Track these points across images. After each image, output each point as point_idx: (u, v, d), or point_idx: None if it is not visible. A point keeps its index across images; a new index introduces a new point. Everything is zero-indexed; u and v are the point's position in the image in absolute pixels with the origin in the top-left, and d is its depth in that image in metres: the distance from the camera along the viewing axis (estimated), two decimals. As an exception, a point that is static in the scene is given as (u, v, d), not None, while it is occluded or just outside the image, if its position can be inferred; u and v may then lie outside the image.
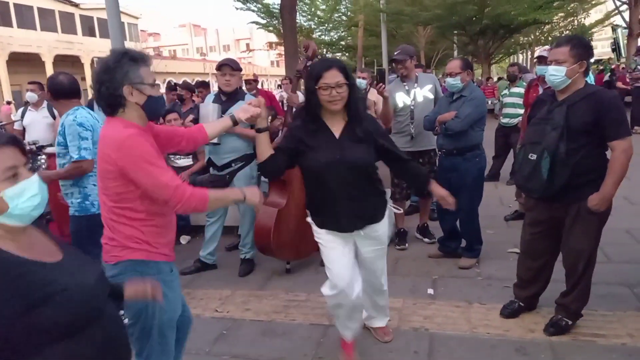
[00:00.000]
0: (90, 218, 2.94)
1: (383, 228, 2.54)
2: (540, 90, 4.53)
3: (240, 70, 3.90)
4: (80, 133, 2.88)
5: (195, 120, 4.98)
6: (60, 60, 28.16)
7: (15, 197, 1.17)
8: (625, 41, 15.02)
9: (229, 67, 3.78)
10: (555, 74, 2.54)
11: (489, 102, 14.05)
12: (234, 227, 4.56)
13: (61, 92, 3.10)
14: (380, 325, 2.90)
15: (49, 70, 27.22)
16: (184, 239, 4.96)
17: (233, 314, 3.34)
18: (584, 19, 27.02)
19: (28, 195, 1.19)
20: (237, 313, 3.35)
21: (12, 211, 1.17)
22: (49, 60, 27.97)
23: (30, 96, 5.67)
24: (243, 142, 3.84)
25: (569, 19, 26.48)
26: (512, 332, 2.88)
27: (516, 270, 3.07)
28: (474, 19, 18.95)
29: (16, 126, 5.78)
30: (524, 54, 34.41)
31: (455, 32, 22.21)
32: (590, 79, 11.83)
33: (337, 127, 2.33)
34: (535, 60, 6.23)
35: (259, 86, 7.01)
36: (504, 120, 6.59)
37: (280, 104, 7.23)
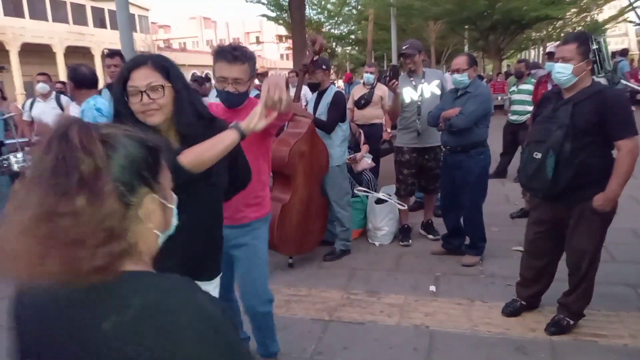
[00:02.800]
0: None
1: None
2: (549, 87, 4.49)
3: None
4: (97, 117, 3.05)
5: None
6: (72, 51, 28.33)
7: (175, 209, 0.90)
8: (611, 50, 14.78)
9: None
10: (562, 71, 2.51)
11: (499, 97, 13.93)
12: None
13: (83, 82, 3.36)
14: None
15: (60, 62, 27.41)
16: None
17: (235, 307, 3.36)
18: (597, 15, 26.63)
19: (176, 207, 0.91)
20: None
21: (172, 227, 0.90)
22: (60, 52, 28.16)
23: (42, 87, 5.72)
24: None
25: (581, 15, 26.11)
26: (513, 331, 2.86)
27: (519, 269, 3.06)
28: (484, 14, 18.77)
29: (25, 117, 5.82)
30: (536, 50, 34.03)
31: (466, 27, 22.01)
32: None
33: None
34: (545, 55, 6.15)
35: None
36: (512, 118, 6.53)
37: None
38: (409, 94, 4.17)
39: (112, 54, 4.20)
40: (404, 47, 4.21)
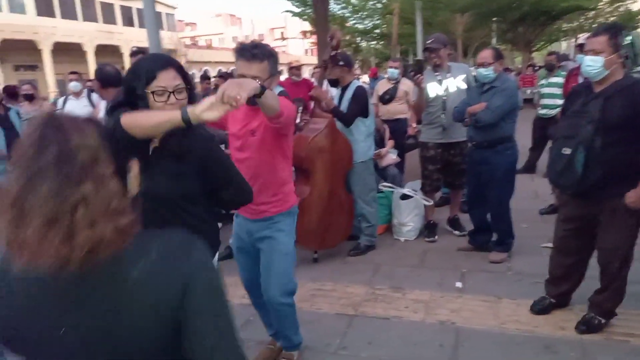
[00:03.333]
0: None
1: None
2: (580, 80, 4.38)
3: None
4: None
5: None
6: (101, 50, 28.98)
7: None
8: None
9: None
10: (592, 64, 2.45)
11: (528, 91, 13.60)
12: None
13: (108, 81, 3.46)
14: None
15: (91, 60, 28.06)
16: (215, 227, 5.06)
17: (260, 301, 3.40)
18: (632, 4, 25.69)
19: None
20: (265, 301, 3.40)
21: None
22: (91, 50, 28.83)
23: (75, 85, 5.91)
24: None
25: (615, 5, 25.24)
26: (542, 329, 2.82)
27: (548, 266, 3.00)
28: (513, 5, 18.37)
29: (58, 115, 6.01)
30: (567, 41, 33.05)
31: (494, 19, 21.57)
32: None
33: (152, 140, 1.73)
34: (577, 48, 5.98)
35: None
36: (542, 111, 6.39)
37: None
38: (433, 88, 4.12)
39: (135, 52, 4.36)
40: (428, 42, 4.17)
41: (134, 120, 1.56)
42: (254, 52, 2.06)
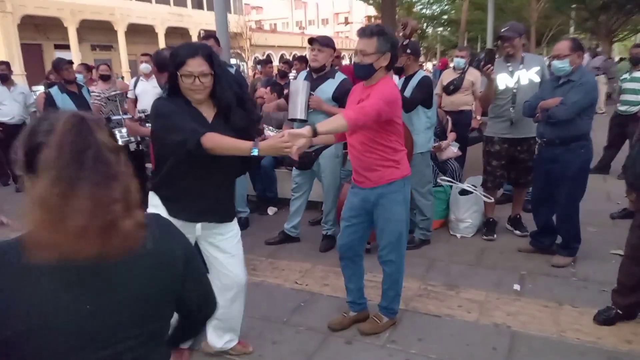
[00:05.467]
0: None
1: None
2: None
3: (331, 47, 3.81)
4: None
5: (287, 96, 5.09)
6: (171, 32, 30.00)
7: None
8: None
9: (317, 42, 3.77)
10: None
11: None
12: (318, 203, 4.64)
13: (164, 65, 3.39)
14: None
15: (162, 42, 29.13)
16: (271, 210, 5.15)
17: (312, 287, 3.43)
18: None
19: None
20: (316, 287, 3.43)
21: None
22: (162, 32, 29.92)
23: (145, 67, 6.14)
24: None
25: None
26: (606, 341, 2.65)
27: (617, 275, 2.82)
28: (596, -9, 17.12)
29: (129, 95, 6.29)
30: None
31: (574, 6, 20.21)
32: None
33: (207, 114, 2.17)
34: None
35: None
36: (622, 108, 5.96)
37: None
38: (504, 80, 3.93)
39: (207, 36, 4.43)
40: (503, 30, 3.95)
41: (214, 149, 1.98)
42: (364, 28, 2.46)
